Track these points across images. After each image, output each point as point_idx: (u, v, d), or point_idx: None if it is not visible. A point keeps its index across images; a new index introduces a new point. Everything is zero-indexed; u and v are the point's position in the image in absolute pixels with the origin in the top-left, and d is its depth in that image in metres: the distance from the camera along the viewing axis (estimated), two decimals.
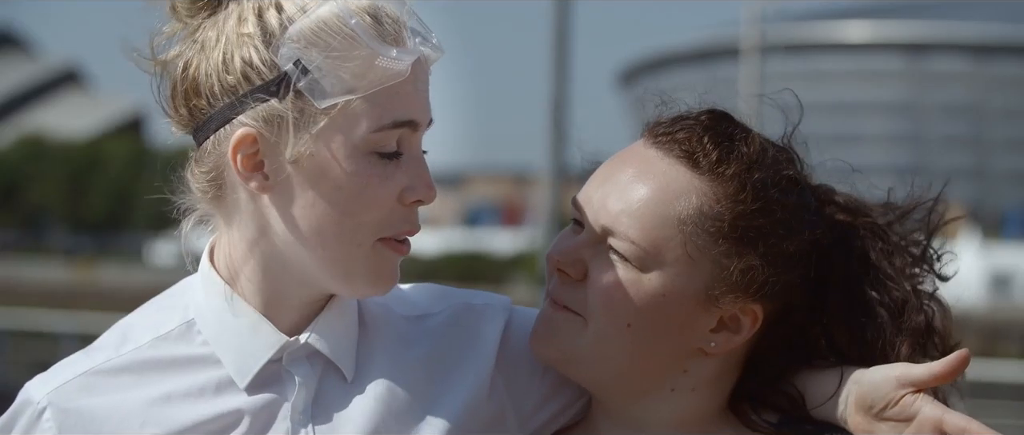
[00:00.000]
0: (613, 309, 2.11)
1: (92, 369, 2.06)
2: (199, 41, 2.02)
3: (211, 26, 2.02)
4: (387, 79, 1.97)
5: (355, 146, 1.98)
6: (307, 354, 2.08)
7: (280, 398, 2.07)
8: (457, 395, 2.14)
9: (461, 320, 2.20)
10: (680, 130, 2.15)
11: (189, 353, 2.08)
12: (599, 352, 2.12)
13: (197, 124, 2.05)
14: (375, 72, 1.97)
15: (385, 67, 1.97)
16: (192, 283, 2.14)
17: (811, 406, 2.16)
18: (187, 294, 2.13)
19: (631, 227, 2.11)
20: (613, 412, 2.20)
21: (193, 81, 2.02)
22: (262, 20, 1.99)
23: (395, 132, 1.99)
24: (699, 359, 2.16)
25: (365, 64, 1.97)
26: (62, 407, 2.03)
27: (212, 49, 2.01)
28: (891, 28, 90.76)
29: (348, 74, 1.97)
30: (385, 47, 1.97)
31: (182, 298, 2.13)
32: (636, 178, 2.13)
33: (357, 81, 1.97)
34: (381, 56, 1.96)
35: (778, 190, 2.13)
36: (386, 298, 2.16)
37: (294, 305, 2.07)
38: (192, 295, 2.12)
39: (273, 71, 1.98)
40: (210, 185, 2.06)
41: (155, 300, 2.16)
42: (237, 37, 1.99)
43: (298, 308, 2.08)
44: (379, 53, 1.96)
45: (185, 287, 2.15)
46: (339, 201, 1.99)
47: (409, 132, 2.00)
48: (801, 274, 2.15)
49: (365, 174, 1.99)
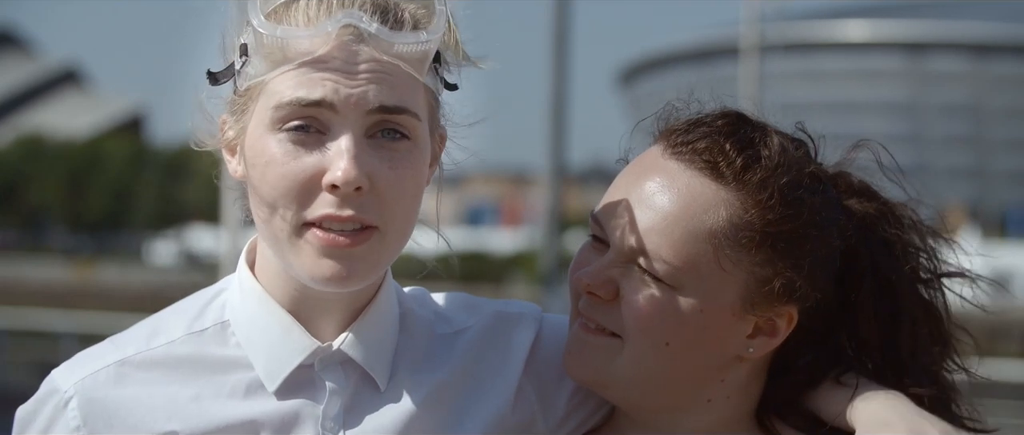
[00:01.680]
0: (651, 330, 2.07)
1: (122, 360, 2.05)
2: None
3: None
4: (292, 58, 1.94)
5: (267, 124, 1.96)
6: (341, 361, 2.05)
7: (311, 404, 2.04)
8: (488, 406, 2.12)
9: (494, 331, 2.18)
10: (699, 138, 2.10)
11: (222, 354, 2.06)
12: (638, 372, 2.09)
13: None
14: (284, 53, 1.95)
15: (288, 48, 1.94)
16: (230, 283, 2.12)
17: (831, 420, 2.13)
18: (223, 294, 2.12)
19: (661, 246, 2.06)
20: (643, 423, 2.17)
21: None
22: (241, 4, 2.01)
23: (302, 110, 1.94)
24: (735, 366, 2.13)
25: (277, 44, 1.95)
26: (89, 397, 2.02)
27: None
28: (891, 27, 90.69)
29: (263, 55, 1.96)
30: (286, 29, 1.95)
31: (219, 297, 2.11)
32: (660, 193, 2.08)
33: (267, 62, 1.96)
34: (279, 37, 1.94)
35: (803, 189, 2.09)
36: (427, 312, 2.16)
37: (330, 309, 2.04)
38: (228, 295, 2.10)
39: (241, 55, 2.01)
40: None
41: (191, 297, 2.14)
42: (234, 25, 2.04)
43: (335, 312, 2.05)
44: (278, 35, 1.94)
45: (223, 286, 2.13)
46: (258, 179, 1.98)
47: (328, 112, 1.94)
48: (831, 269, 2.13)
49: (275, 151, 1.95)
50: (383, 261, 2.01)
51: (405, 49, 1.96)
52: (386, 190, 1.96)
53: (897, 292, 2.17)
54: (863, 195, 2.21)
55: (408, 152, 1.98)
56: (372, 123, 1.95)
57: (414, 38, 1.96)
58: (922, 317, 2.19)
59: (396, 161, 1.96)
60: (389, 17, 1.97)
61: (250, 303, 2.07)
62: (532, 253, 43.26)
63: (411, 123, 1.97)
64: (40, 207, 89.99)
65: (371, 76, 1.94)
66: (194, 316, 2.09)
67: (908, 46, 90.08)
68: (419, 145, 2.00)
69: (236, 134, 2.02)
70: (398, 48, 1.95)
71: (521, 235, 63.86)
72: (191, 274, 11.39)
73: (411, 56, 1.97)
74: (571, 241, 24.60)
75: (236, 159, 2.04)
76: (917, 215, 2.23)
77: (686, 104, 2.18)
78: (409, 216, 2.01)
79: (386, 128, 1.96)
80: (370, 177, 1.94)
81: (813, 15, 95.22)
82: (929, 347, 2.19)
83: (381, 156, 1.95)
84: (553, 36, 18.15)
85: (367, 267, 1.98)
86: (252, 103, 1.99)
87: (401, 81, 1.96)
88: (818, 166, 2.16)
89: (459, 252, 2.33)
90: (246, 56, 1.98)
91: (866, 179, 2.23)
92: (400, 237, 2.01)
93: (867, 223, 2.19)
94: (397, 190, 1.96)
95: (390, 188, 1.96)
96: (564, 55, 18.48)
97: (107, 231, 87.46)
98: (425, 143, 2.01)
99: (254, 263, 2.10)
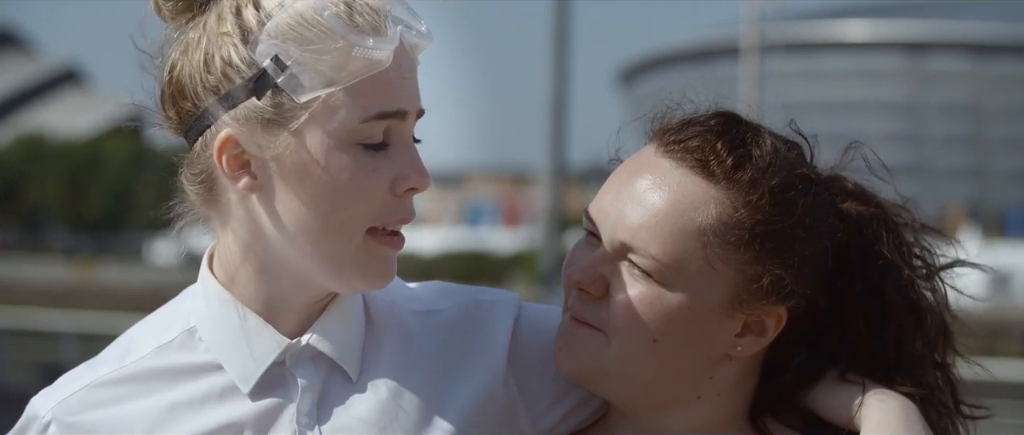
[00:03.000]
0: (638, 326, 2.08)
1: (95, 381, 2.06)
2: (183, 43, 2.01)
3: (194, 27, 2.01)
4: (366, 70, 1.95)
5: (340, 139, 1.96)
6: (311, 356, 2.06)
7: (285, 402, 2.05)
8: (466, 392, 2.12)
9: (469, 316, 2.18)
10: (692, 137, 2.11)
11: (192, 361, 2.06)
12: (626, 368, 2.10)
13: (186, 126, 2.04)
14: (354, 63, 1.94)
15: (363, 57, 1.94)
16: (193, 291, 2.12)
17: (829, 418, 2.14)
18: (187, 301, 2.12)
19: (651, 243, 2.07)
20: (635, 420, 2.17)
21: (178, 83, 2.01)
22: (240, 17, 1.97)
23: (381, 123, 1.96)
24: (724, 364, 2.14)
25: (343, 56, 1.94)
26: (66, 421, 2.03)
27: (194, 50, 1.99)
28: (891, 27, 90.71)
29: (326, 67, 1.95)
30: (361, 37, 1.94)
31: (183, 306, 2.12)
32: (651, 190, 2.09)
33: (335, 73, 1.95)
34: (358, 47, 1.94)
35: (794, 191, 2.10)
36: (393, 294, 2.15)
37: (295, 307, 2.06)
38: (192, 302, 2.11)
39: (252, 68, 1.96)
40: (202, 188, 2.04)
41: (158, 311, 2.15)
42: (217, 36, 1.98)
43: (300, 309, 2.06)
44: (355, 44, 1.94)
45: (186, 295, 2.13)
46: (325, 196, 1.97)
47: (397, 122, 1.98)
48: (821, 270, 2.13)
49: (351, 167, 1.96)
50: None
51: (425, 43, 2.03)
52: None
53: (886, 294, 2.18)
54: (858, 198, 2.21)
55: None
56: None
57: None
58: (912, 319, 2.19)
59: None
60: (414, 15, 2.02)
61: (215, 307, 2.07)
62: (532, 253, 43.29)
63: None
64: (40, 207, 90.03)
65: (413, 77, 2.01)
66: (161, 329, 2.10)
67: (908, 46, 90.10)
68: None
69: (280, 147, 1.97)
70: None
71: (521, 235, 63.88)
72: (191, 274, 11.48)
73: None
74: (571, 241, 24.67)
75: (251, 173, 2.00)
76: (913, 215, 2.24)
77: (680, 104, 2.19)
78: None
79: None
80: None
81: (813, 15, 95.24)
82: (917, 348, 2.19)
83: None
84: (553, 36, 18.15)
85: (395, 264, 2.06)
86: (302, 115, 1.96)
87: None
88: (811, 167, 2.17)
89: (459, 252, 2.34)
90: (284, 69, 1.95)
91: (861, 182, 2.23)
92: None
93: (862, 226, 2.19)
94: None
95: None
96: (564, 55, 18.49)
97: (107, 231, 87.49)
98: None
99: (212, 268, 2.10)
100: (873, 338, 2.16)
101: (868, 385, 2.13)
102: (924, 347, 2.20)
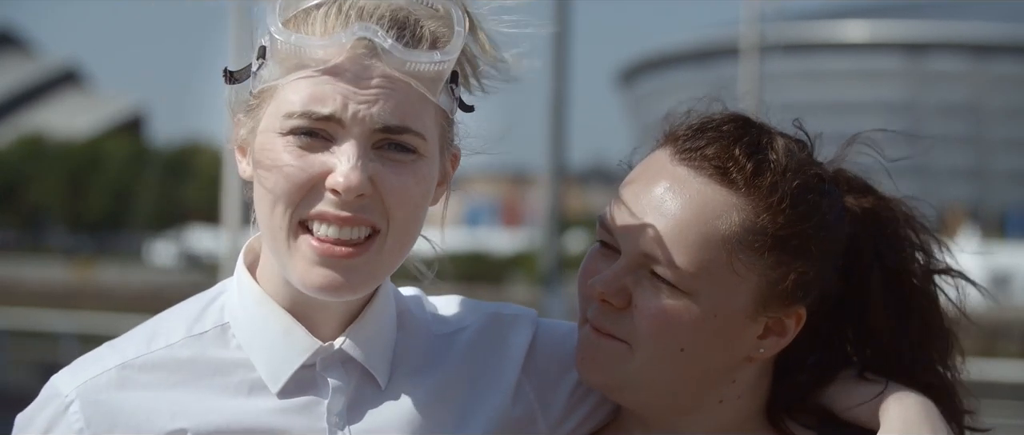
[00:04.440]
0: (665, 336, 2.08)
1: (123, 363, 2.05)
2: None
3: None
4: (306, 65, 1.95)
5: (274, 129, 1.97)
6: (342, 360, 2.06)
7: (315, 402, 2.05)
8: (488, 402, 2.14)
9: (491, 330, 2.20)
10: (707, 144, 2.10)
11: (223, 356, 2.06)
12: (652, 377, 2.10)
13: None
14: (297, 58, 1.95)
15: (305, 54, 1.94)
16: (228, 285, 2.12)
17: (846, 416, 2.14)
18: (222, 297, 2.12)
19: (675, 253, 2.07)
20: (653, 424, 2.17)
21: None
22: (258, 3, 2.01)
23: (311, 123, 1.94)
24: (745, 367, 2.14)
25: (291, 50, 1.95)
26: (91, 400, 2.02)
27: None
28: (890, 28, 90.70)
29: (277, 60, 1.96)
30: (300, 35, 1.95)
31: (218, 300, 2.12)
32: (671, 200, 2.08)
33: (281, 67, 1.96)
34: (289, 44, 1.94)
35: (812, 192, 2.11)
36: (425, 314, 2.17)
37: (329, 309, 2.05)
38: (227, 297, 2.11)
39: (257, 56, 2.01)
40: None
41: (189, 300, 2.14)
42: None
43: (334, 312, 2.05)
44: (288, 41, 1.94)
45: (221, 288, 2.13)
46: (260, 180, 1.98)
47: (336, 125, 1.94)
48: (837, 265, 2.14)
49: (278, 153, 1.96)
50: (380, 272, 2.02)
51: (419, 67, 1.96)
52: (389, 195, 1.96)
53: (905, 282, 2.19)
54: (860, 191, 2.23)
55: (413, 163, 1.98)
56: (379, 138, 1.96)
57: (428, 58, 1.96)
58: (929, 308, 2.20)
59: (401, 171, 1.97)
60: (406, 34, 1.97)
61: (249, 305, 2.07)
62: (532, 253, 43.25)
63: (416, 141, 1.97)
64: (40, 207, 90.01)
65: (380, 92, 1.94)
66: (194, 319, 2.09)
67: (908, 46, 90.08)
68: (427, 161, 2.00)
69: (247, 134, 2.03)
70: (411, 66, 1.95)
71: (521, 235, 63.89)
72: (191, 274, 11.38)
73: (424, 75, 1.96)
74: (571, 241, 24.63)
75: (246, 159, 2.05)
76: (912, 210, 2.24)
77: (690, 107, 2.18)
78: (409, 225, 2.01)
79: (392, 142, 1.96)
80: (373, 181, 1.95)
81: (813, 15, 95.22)
82: (934, 339, 2.20)
83: (385, 164, 1.96)
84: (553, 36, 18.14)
85: (361, 278, 1.99)
86: (264, 105, 1.99)
87: (411, 99, 1.96)
88: (820, 166, 2.18)
89: (459, 252, 2.34)
90: (263, 59, 1.98)
91: (861, 175, 2.25)
92: (398, 246, 2.01)
93: (867, 217, 2.20)
94: (400, 195, 1.97)
95: (392, 193, 1.96)
96: (564, 55, 18.49)
97: (107, 231, 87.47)
98: (433, 159, 2.01)
99: (252, 265, 2.10)
100: (894, 328, 2.17)
101: (888, 383, 2.13)
102: (938, 345, 2.20)
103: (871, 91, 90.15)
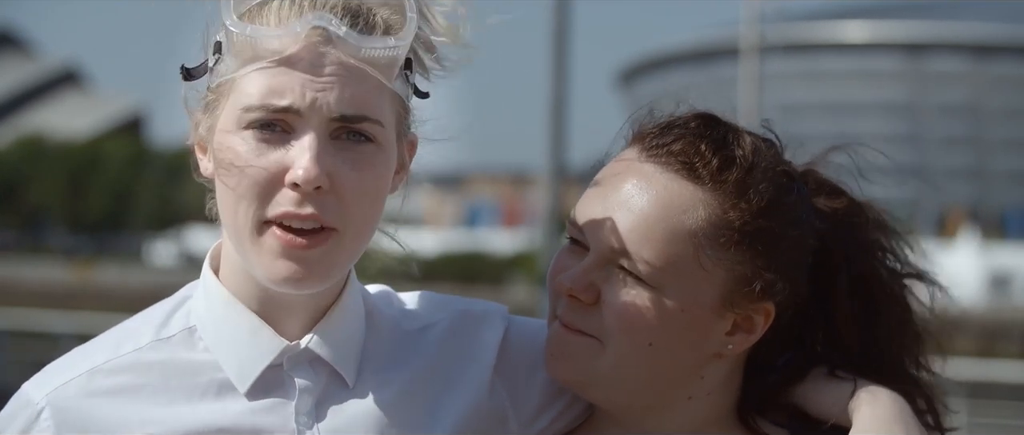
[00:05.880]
0: (633, 331, 2.09)
1: (92, 369, 2.05)
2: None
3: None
4: (261, 57, 1.96)
5: (233, 123, 1.97)
6: (309, 359, 2.07)
7: (283, 403, 2.05)
8: (458, 400, 2.14)
9: (461, 327, 2.20)
10: (674, 140, 2.12)
11: (191, 358, 2.07)
12: (621, 373, 2.11)
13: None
14: (253, 50, 1.96)
15: (261, 46, 1.95)
16: (194, 288, 2.13)
17: (817, 413, 2.15)
18: (188, 302, 2.12)
19: (643, 248, 2.08)
20: (624, 422, 2.18)
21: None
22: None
23: (269, 114, 1.95)
24: (714, 363, 2.15)
25: (246, 42, 1.96)
26: (61, 407, 2.02)
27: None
28: (890, 28, 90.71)
29: (233, 54, 1.98)
30: (255, 27, 1.96)
31: (184, 305, 2.12)
32: (638, 196, 2.10)
33: (237, 60, 1.98)
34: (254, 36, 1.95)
35: (779, 189, 2.12)
36: (393, 310, 2.17)
37: (295, 308, 2.06)
38: (193, 302, 2.11)
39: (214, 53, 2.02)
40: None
41: (156, 305, 2.15)
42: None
43: (300, 312, 2.06)
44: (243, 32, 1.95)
45: (188, 293, 2.14)
46: (221, 177, 1.99)
47: (293, 116, 1.96)
48: (805, 264, 2.15)
49: (237, 149, 1.96)
50: (340, 263, 2.01)
51: (374, 53, 1.97)
52: (347, 191, 1.97)
53: (872, 287, 2.21)
54: (831, 193, 2.24)
55: (372, 155, 1.99)
56: (335, 127, 1.97)
57: (382, 43, 1.98)
58: (898, 310, 2.21)
59: (358, 163, 1.97)
60: (359, 21, 1.99)
61: (216, 306, 2.07)
62: (532, 254, 43.26)
63: (374, 129, 1.98)
64: (40, 207, 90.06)
65: (336, 79, 1.96)
66: (160, 323, 2.10)
67: (908, 47, 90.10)
68: (384, 149, 2.00)
69: (206, 132, 2.03)
70: (366, 52, 1.97)
71: (521, 235, 63.86)
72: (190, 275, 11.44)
73: (379, 61, 1.98)
74: None
75: (207, 157, 2.05)
76: (883, 214, 2.26)
77: (660, 108, 2.20)
78: (368, 219, 2.01)
79: (350, 131, 1.97)
80: (331, 177, 1.95)
81: (813, 15, 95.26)
82: (904, 340, 2.21)
83: (344, 158, 1.96)
84: (553, 36, 18.13)
85: (323, 269, 1.99)
86: (222, 100, 2.00)
87: (367, 86, 1.98)
88: (788, 163, 2.19)
89: (458, 253, 2.34)
90: (219, 54, 2.00)
91: (832, 177, 2.26)
92: (358, 240, 2.01)
93: (837, 219, 2.21)
94: (358, 192, 1.98)
95: (351, 189, 1.97)
96: (564, 55, 18.49)
97: (107, 231, 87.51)
98: (390, 148, 2.02)
99: (218, 269, 2.11)
100: (863, 333, 2.18)
101: (858, 381, 2.14)
102: (909, 344, 2.21)
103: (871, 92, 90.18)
